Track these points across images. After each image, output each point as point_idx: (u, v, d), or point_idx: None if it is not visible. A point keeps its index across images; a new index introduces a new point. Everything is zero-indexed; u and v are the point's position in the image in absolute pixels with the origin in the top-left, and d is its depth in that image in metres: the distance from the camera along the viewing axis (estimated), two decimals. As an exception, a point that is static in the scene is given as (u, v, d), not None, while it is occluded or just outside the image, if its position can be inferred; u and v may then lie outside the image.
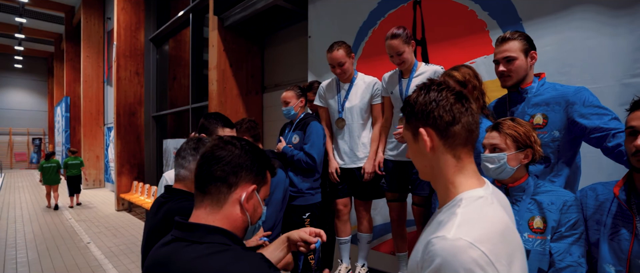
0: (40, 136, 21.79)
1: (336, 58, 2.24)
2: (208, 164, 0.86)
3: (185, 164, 1.35)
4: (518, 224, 1.27)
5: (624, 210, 1.13)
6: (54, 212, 7.82)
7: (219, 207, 0.85)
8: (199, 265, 0.74)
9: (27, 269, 4.34)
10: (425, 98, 0.81)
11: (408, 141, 0.87)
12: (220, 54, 4.34)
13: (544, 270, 1.23)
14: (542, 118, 1.51)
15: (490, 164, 1.29)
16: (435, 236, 0.69)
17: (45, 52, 20.11)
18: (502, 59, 1.57)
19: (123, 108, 7.75)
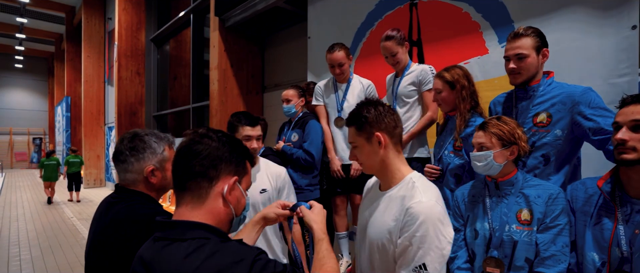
0: (41, 136, 21.85)
1: (336, 59, 2.32)
2: (185, 160, 0.83)
3: (129, 168, 1.17)
4: (507, 216, 1.35)
5: (608, 201, 1.20)
6: (56, 211, 7.88)
7: (201, 202, 0.82)
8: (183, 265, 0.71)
9: (31, 266, 4.40)
10: (375, 111, 1.12)
11: (360, 145, 1.14)
12: (221, 55, 4.41)
13: (531, 259, 1.30)
14: (546, 117, 1.54)
15: (478, 162, 1.37)
16: (413, 203, 1.02)
17: (46, 52, 20.17)
18: (513, 56, 1.56)
19: (124, 108, 7.81)
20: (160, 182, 1.21)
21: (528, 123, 1.60)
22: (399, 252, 1.03)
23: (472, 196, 1.49)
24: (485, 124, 1.40)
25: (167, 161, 1.22)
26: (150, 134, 1.23)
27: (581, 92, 1.49)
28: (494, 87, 2.23)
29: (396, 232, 1.04)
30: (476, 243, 1.41)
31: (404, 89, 2.17)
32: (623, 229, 1.14)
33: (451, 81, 1.76)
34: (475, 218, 1.44)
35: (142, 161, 1.17)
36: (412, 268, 0.99)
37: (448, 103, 1.79)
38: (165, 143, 1.24)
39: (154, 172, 1.18)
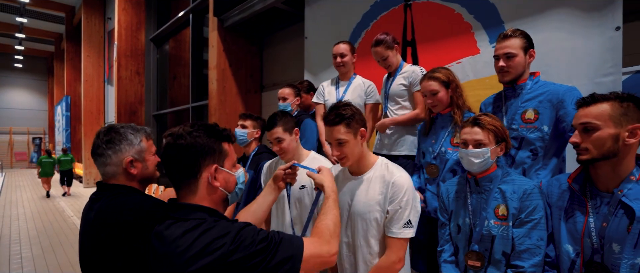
0: (41, 136, 21.89)
1: (339, 49, 2.45)
2: (169, 167, 0.96)
3: (107, 161, 1.18)
4: (485, 211, 1.40)
5: (579, 195, 1.26)
6: (56, 209, 7.94)
7: (195, 193, 0.96)
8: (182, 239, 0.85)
9: (33, 264, 4.46)
10: (356, 111, 1.40)
11: (349, 140, 1.36)
12: (220, 54, 4.47)
13: (508, 253, 1.36)
14: (533, 113, 1.62)
15: (476, 159, 1.40)
16: (396, 177, 1.37)
17: (46, 52, 20.21)
18: (503, 55, 1.66)
19: (124, 107, 7.86)
20: (141, 172, 1.22)
21: (516, 119, 1.67)
22: (391, 215, 1.35)
23: (455, 191, 1.55)
24: (479, 121, 1.43)
25: (145, 152, 1.24)
26: (126, 126, 1.24)
27: (566, 91, 1.58)
28: (485, 86, 2.30)
29: (385, 202, 1.36)
30: (459, 237, 1.47)
31: (396, 89, 2.23)
32: (593, 221, 1.20)
33: (446, 81, 1.82)
34: (458, 214, 1.50)
35: (120, 152, 1.18)
36: (402, 225, 1.33)
37: (444, 103, 1.84)
38: (142, 135, 1.26)
39: (133, 163, 1.20)
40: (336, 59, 2.46)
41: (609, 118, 1.14)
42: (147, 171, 1.25)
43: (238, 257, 0.83)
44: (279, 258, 0.87)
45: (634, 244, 1.09)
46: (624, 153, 1.15)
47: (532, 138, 1.62)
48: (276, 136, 1.73)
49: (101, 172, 1.21)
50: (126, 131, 1.22)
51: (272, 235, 0.91)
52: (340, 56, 2.44)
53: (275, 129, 1.73)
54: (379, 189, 1.38)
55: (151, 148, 1.28)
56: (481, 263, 1.40)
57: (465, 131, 1.46)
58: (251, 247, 0.85)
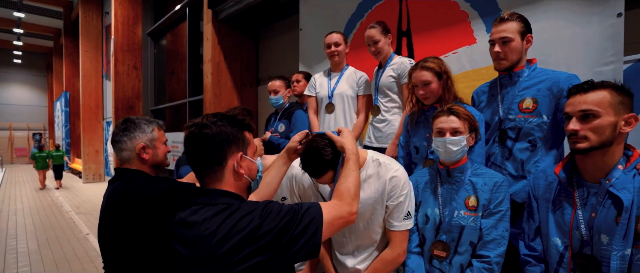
0: (40, 131, 21.90)
1: (332, 38, 2.39)
2: (194, 152, 0.99)
3: (123, 147, 1.36)
4: (456, 202, 1.40)
5: (566, 187, 1.23)
6: (54, 205, 7.93)
7: (221, 181, 1.00)
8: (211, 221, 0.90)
9: (28, 259, 4.44)
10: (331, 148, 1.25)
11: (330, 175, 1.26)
12: (214, 47, 4.40)
13: (474, 243, 1.36)
14: (531, 102, 1.56)
15: (455, 147, 1.38)
16: (393, 172, 1.34)
17: (45, 48, 20.15)
18: (499, 40, 1.58)
19: (121, 102, 7.81)
20: (152, 158, 1.40)
21: (514, 108, 1.61)
22: (392, 209, 1.35)
23: (424, 182, 1.53)
24: (454, 110, 1.42)
25: (156, 140, 1.42)
26: (141, 118, 1.43)
27: (566, 78, 1.51)
28: (482, 77, 2.23)
29: (383, 199, 1.35)
30: (426, 228, 1.46)
31: (386, 81, 2.18)
32: (581, 213, 1.17)
33: (439, 72, 1.75)
34: (426, 204, 1.48)
35: (134, 139, 1.36)
36: (402, 217, 1.35)
37: (436, 94, 1.76)
38: (154, 125, 1.43)
39: (145, 149, 1.37)
40: (330, 48, 2.40)
41: (609, 105, 1.11)
42: (158, 159, 1.42)
43: (267, 229, 0.87)
44: (303, 225, 0.92)
45: (623, 235, 1.06)
46: (617, 142, 1.13)
47: (531, 128, 1.56)
48: None
49: (118, 157, 1.40)
50: (141, 121, 1.41)
51: (295, 206, 0.96)
52: (335, 44, 2.39)
53: None
54: (374, 187, 1.37)
55: (162, 138, 1.46)
56: (446, 254, 1.40)
57: (441, 120, 1.43)
58: (278, 218, 0.90)
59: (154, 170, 1.42)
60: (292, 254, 0.91)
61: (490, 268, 1.30)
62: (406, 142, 1.98)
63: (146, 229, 1.23)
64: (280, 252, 0.89)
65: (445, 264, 1.40)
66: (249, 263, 0.86)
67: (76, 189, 10.30)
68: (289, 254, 0.91)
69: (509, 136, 1.63)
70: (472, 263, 1.34)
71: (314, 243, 0.93)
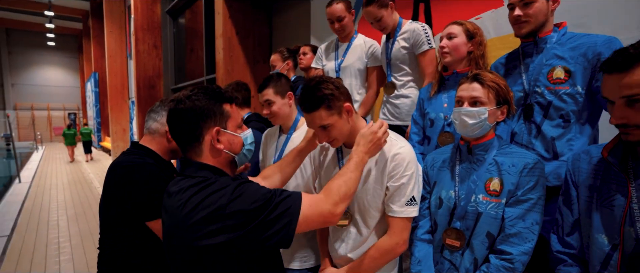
0: (75, 111, 23.00)
1: (335, 12, 2.13)
2: (175, 133, 0.99)
3: (157, 118, 1.37)
4: (475, 184, 1.18)
5: (618, 173, 0.98)
6: (85, 182, 8.32)
7: (200, 156, 0.98)
8: (183, 194, 0.90)
9: (58, 231, 4.66)
10: (331, 86, 1.15)
11: (333, 122, 1.16)
12: (226, 21, 4.26)
13: (493, 235, 1.14)
14: (563, 72, 1.32)
15: (471, 120, 1.16)
16: (398, 149, 1.19)
17: (75, 30, 20.81)
18: (519, 2, 1.36)
19: (143, 81, 7.91)
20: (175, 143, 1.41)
21: (541, 80, 1.37)
22: (392, 191, 1.19)
23: (442, 161, 1.32)
24: (479, 76, 1.18)
25: None
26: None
27: (604, 42, 1.26)
28: (508, 45, 1.96)
29: (384, 178, 1.20)
30: (439, 212, 1.26)
31: (397, 54, 1.95)
32: (638, 207, 0.93)
33: (471, 32, 1.54)
34: (441, 185, 1.27)
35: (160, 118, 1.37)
36: (405, 202, 1.18)
37: (460, 53, 1.55)
38: None
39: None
40: (333, 25, 2.15)
41: None
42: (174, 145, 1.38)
43: (235, 209, 0.84)
44: (276, 213, 0.88)
45: None
46: None
47: (563, 100, 1.32)
48: (266, 98, 1.57)
49: (146, 126, 1.38)
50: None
51: (273, 191, 0.92)
52: (337, 19, 2.13)
53: (265, 90, 1.57)
54: (374, 163, 1.22)
55: None
56: (460, 244, 1.19)
57: (462, 88, 1.21)
58: (249, 200, 0.86)
59: (173, 154, 1.42)
60: (262, 240, 0.87)
61: (512, 268, 1.08)
62: (420, 116, 1.78)
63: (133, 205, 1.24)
64: (248, 235, 0.85)
65: (457, 255, 1.20)
66: (213, 240, 0.84)
67: (106, 167, 10.76)
68: (259, 239, 0.87)
69: (536, 111, 1.41)
70: (490, 259, 1.13)
71: (286, 233, 0.88)
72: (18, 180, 8.06)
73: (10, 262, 3.69)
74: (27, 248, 4.07)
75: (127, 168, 1.27)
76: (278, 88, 1.58)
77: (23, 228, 4.82)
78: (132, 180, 1.24)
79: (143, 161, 1.30)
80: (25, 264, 3.64)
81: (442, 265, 1.24)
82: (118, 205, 1.26)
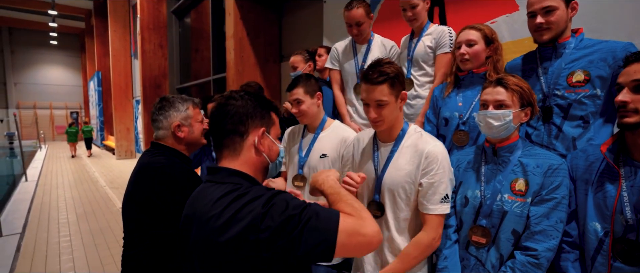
0: (77, 110, 23.03)
1: (355, 17, 2.14)
2: (217, 121, 0.96)
3: (159, 126, 1.44)
4: (500, 184, 1.25)
5: (611, 167, 1.10)
6: (90, 179, 8.36)
7: (237, 155, 0.95)
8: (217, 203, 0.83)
9: (68, 229, 4.71)
10: (399, 69, 1.26)
11: (390, 101, 1.24)
12: (237, 22, 4.31)
13: (519, 233, 1.21)
14: (582, 75, 1.38)
15: (496, 122, 1.23)
16: (430, 147, 1.26)
17: (77, 28, 20.83)
18: (540, 10, 1.41)
19: (149, 81, 7.96)
20: (187, 136, 1.45)
21: (561, 83, 1.43)
22: (425, 189, 1.25)
23: (466, 162, 1.39)
24: (503, 80, 1.25)
25: (191, 118, 1.46)
26: (176, 96, 1.47)
27: (623, 47, 1.33)
28: (523, 49, 1.99)
29: (417, 174, 1.26)
30: (465, 211, 1.33)
31: (421, 52, 2.00)
32: (627, 195, 1.05)
33: (489, 37, 1.60)
34: (467, 185, 1.34)
35: (169, 117, 1.42)
36: (438, 200, 1.24)
37: (478, 59, 1.61)
38: (189, 103, 1.47)
39: (180, 127, 1.43)
40: (352, 29, 2.17)
41: None
42: (193, 136, 1.46)
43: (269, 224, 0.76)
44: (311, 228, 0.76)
45: None
46: None
47: (583, 102, 1.38)
48: (295, 97, 1.65)
49: (155, 135, 1.46)
50: (175, 100, 1.45)
51: (307, 204, 0.82)
52: (357, 25, 2.14)
53: (295, 89, 1.65)
54: (409, 158, 1.29)
55: (198, 115, 1.49)
56: (486, 240, 1.25)
57: (486, 92, 1.28)
58: (284, 212, 0.78)
59: (189, 148, 1.48)
60: (298, 256, 0.76)
61: (538, 264, 1.14)
62: (434, 114, 1.84)
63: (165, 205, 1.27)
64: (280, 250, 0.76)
65: (483, 252, 1.27)
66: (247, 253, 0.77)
67: (110, 165, 10.81)
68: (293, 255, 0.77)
69: (555, 113, 1.46)
70: (515, 255, 1.19)
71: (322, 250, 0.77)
72: (25, 178, 8.11)
73: (25, 259, 3.74)
74: (40, 246, 4.12)
75: (158, 169, 1.31)
76: (308, 88, 1.65)
77: (34, 226, 4.87)
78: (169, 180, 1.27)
79: (171, 162, 1.35)
80: (40, 262, 3.69)
81: (467, 260, 1.31)
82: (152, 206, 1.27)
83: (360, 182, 1.22)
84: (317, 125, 1.73)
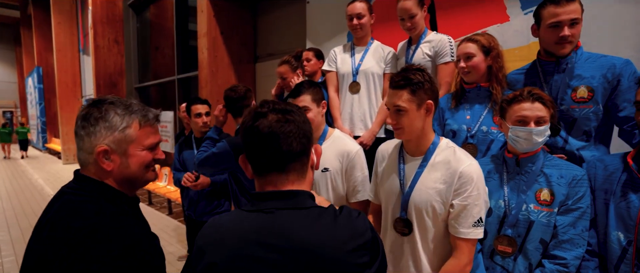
0: (12, 109, 20.70)
1: (355, 9, 2.13)
2: (284, 140, 0.76)
3: (80, 145, 0.90)
4: (525, 194, 1.27)
5: (635, 177, 1.15)
6: (35, 189, 7.54)
7: (304, 177, 0.82)
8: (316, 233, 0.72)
9: (11, 248, 4.18)
10: (427, 77, 1.19)
11: (410, 108, 1.18)
12: (210, 20, 4.09)
13: (546, 241, 1.24)
14: (586, 91, 1.42)
15: (540, 138, 1.23)
16: (465, 166, 1.17)
17: (11, 18, 18.67)
18: (567, 21, 1.38)
19: (103, 79, 7.35)
20: (118, 171, 0.89)
21: (565, 99, 1.47)
22: (458, 211, 1.17)
23: (487, 172, 1.39)
24: (541, 96, 1.25)
25: (131, 143, 0.90)
26: (116, 103, 0.91)
27: (622, 64, 1.40)
28: (514, 58, 2.09)
29: (448, 194, 1.18)
30: (488, 220, 1.33)
31: (420, 60, 2.00)
32: None
33: (488, 47, 1.60)
34: (490, 195, 1.35)
35: (93, 136, 0.87)
36: (471, 224, 1.16)
37: (479, 71, 1.61)
38: (136, 118, 0.91)
39: (107, 154, 0.88)
40: (352, 21, 2.14)
41: None
42: (129, 172, 0.91)
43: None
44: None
45: None
46: None
47: (587, 118, 1.44)
48: (303, 104, 1.53)
49: (78, 157, 0.93)
50: (110, 109, 0.89)
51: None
52: (357, 17, 2.13)
53: (302, 96, 1.54)
54: (441, 176, 1.21)
55: (145, 139, 0.93)
56: (512, 249, 1.27)
57: (524, 107, 1.25)
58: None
59: (127, 187, 0.93)
60: None
61: (567, 272, 1.18)
62: (439, 125, 1.84)
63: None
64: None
65: (509, 261, 1.28)
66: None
67: (56, 170, 9.84)
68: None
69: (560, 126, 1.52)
70: (544, 264, 1.22)
71: None
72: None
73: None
74: (-19, 268, 3.61)
75: (78, 236, 0.77)
76: (315, 95, 1.57)
77: (-30, 244, 4.26)
78: (99, 256, 0.76)
79: (101, 218, 0.82)
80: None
81: (493, 270, 1.32)
82: None
83: None
84: (319, 136, 1.65)
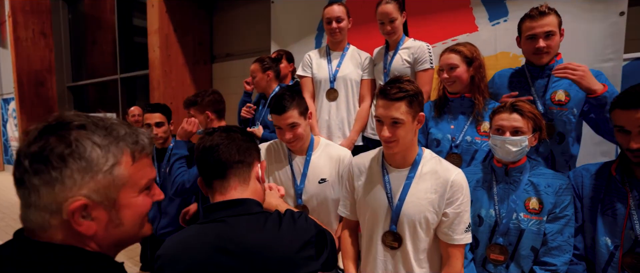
0: None
1: (334, 12, 2.06)
2: (225, 149, 0.94)
3: (33, 201, 0.53)
4: (515, 204, 1.31)
5: (619, 187, 1.23)
6: None
7: (247, 185, 0.96)
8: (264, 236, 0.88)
9: None
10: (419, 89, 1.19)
11: (407, 120, 1.15)
12: (162, 16, 3.75)
13: (537, 249, 1.30)
14: (564, 95, 1.53)
15: (514, 148, 1.28)
16: (454, 176, 1.19)
17: None
18: (542, 34, 1.51)
19: (27, 76, 6.45)
20: (105, 232, 0.58)
21: (546, 101, 1.58)
22: (451, 219, 1.19)
23: (475, 181, 1.42)
24: (518, 107, 1.30)
25: (123, 187, 0.58)
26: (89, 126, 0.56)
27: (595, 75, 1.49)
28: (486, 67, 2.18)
29: (441, 204, 1.19)
30: (480, 230, 1.37)
31: (399, 66, 1.99)
32: (636, 213, 1.18)
33: (470, 58, 1.62)
34: (479, 204, 1.38)
35: (59, 185, 0.52)
36: (463, 230, 1.19)
37: (462, 82, 1.64)
38: (125, 147, 0.59)
39: (87, 211, 0.55)
40: (331, 25, 2.07)
41: None
42: (120, 231, 0.59)
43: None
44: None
45: None
46: None
47: (561, 120, 1.54)
48: (291, 121, 1.41)
49: (22, 218, 0.56)
50: (83, 138, 0.54)
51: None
52: (336, 20, 2.05)
53: (289, 112, 1.40)
54: (431, 186, 1.20)
55: (142, 177, 0.61)
56: (504, 257, 1.31)
57: (502, 117, 1.32)
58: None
59: (113, 249, 0.62)
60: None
61: None
62: (422, 133, 1.83)
63: None
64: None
65: (501, 269, 1.31)
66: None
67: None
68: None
69: None
70: (535, 270, 1.27)
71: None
72: None
73: None
74: None
75: None
76: (301, 108, 1.46)
77: None
78: None
79: None
80: None
81: (486, 278, 1.33)
82: None
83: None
84: (307, 146, 1.55)
